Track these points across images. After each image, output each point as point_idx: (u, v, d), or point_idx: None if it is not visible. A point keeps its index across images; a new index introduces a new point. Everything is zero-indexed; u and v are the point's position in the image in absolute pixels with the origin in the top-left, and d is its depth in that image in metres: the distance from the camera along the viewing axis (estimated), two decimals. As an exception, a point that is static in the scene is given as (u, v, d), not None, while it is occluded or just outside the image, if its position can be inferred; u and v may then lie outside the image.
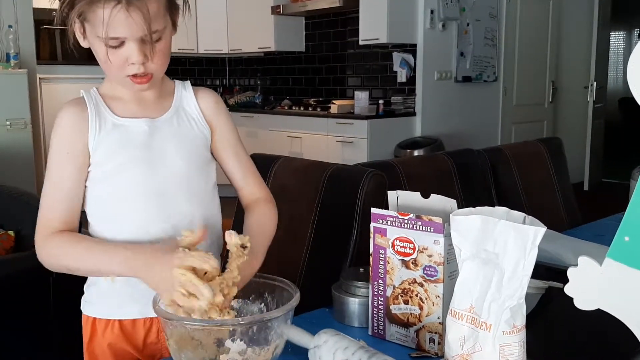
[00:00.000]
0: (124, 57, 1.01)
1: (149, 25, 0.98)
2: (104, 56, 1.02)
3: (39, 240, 1.05)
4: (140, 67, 1.02)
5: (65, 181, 1.06)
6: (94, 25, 0.99)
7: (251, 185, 1.21)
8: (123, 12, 0.96)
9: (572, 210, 2.23)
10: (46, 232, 1.04)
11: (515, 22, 5.59)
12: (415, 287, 1.03)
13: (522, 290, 0.79)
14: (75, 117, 1.07)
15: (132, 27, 0.98)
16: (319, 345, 0.94)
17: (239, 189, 1.21)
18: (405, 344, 1.05)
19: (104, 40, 0.99)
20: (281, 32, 5.82)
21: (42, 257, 1.05)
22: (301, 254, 1.63)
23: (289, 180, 1.70)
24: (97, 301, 1.15)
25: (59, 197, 1.06)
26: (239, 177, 1.20)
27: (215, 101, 1.20)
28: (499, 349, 0.80)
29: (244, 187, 1.20)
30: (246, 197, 1.20)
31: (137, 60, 1.01)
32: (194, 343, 0.89)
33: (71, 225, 1.06)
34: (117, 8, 0.96)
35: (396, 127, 4.84)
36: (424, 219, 1.00)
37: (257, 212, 1.17)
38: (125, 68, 1.02)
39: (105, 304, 1.14)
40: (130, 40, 0.99)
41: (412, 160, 2.18)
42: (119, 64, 1.02)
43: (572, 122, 6.46)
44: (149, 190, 1.08)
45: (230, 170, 1.20)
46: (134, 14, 0.97)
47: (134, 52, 1.00)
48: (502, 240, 0.80)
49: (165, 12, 1.03)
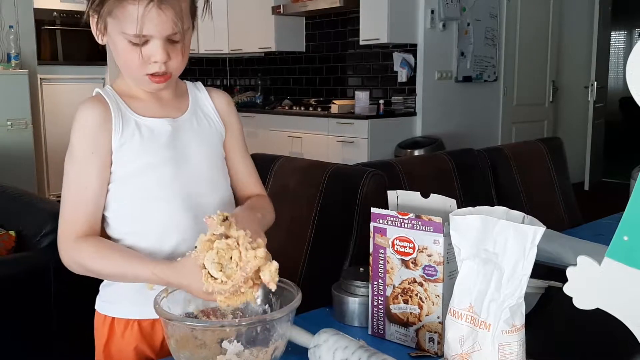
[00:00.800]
0: (147, 55, 1.00)
1: (176, 25, 0.99)
2: (126, 53, 1.01)
3: (65, 244, 1.03)
4: (162, 65, 1.02)
5: (92, 182, 1.04)
6: (121, 21, 0.98)
7: (253, 187, 1.22)
8: (155, 10, 0.96)
9: (572, 210, 2.23)
10: (72, 236, 1.02)
11: (515, 21, 5.59)
12: (415, 286, 1.03)
13: (521, 290, 0.80)
14: (99, 116, 1.04)
15: (161, 25, 0.98)
16: (319, 345, 0.94)
17: (240, 189, 1.21)
18: (405, 344, 1.05)
19: (129, 37, 0.99)
20: (282, 32, 5.82)
21: (68, 261, 1.03)
22: (301, 253, 1.64)
23: (289, 180, 1.71)
24: (117, 300, 1.12)
25: (85, 198, 1.04)
26: (244, 177, 1.21)
27: (228, 101, 1.22)
28: (498, 348, 0.80)
29: (246, 188, 1.21)
30: (248, 193, 1.21)
31: (161, 59, 1.01)
32: (197, 342, 0.88)
33: (96, 227, 1.05)
34: (149, 6, 0.95)
35: (396, 127, 4.84)
36: (423, 218, 1.00)
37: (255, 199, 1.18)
38: (146, 66, 1.02)
39: (126, 304, 1.11)
40: (156, 39, 0.99)
41: (412, 160, 2.18)
42: (141, 61, 1.01)
43: (573, 122, 6.45)
44: (176, 190, 1.08)
45: (237, 170, 1.21)
46: (166, 12, 0.97)
47: (158, 50, 1.00)
48: (502, 239, 0.80)
49: (189, 12, 1.04)
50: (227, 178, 1.18)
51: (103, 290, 1.15)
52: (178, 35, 1.01)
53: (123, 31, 0.99)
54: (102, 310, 1.14)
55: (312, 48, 5.99)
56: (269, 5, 5.67)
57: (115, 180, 1.06)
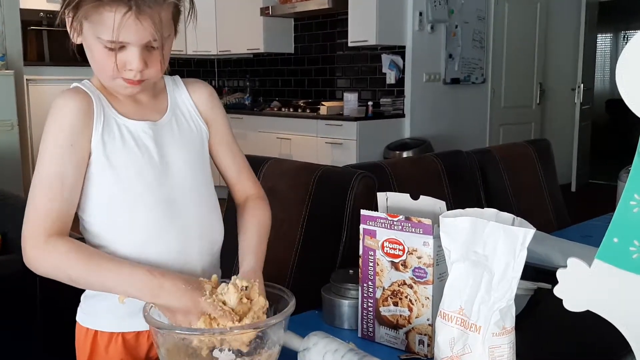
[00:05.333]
0: (122, 62, 0.96)
1: (154, 35, 0.94)
2: (101, 58, 0.96)
3: (34, 242, 0.94)
4: (138, 73, 0.97)
5: (67, 177, 0.97)
6: (97, 25, 0.93)
7: (244, 182, 1.18)
8: (132, 19, 0.91)
9: (560, 211, 2.25)
10: (43, 234, 0.94)
11: (503, 24, 5.62)
12: (404, 288, 1.02)
13: (511, 292, 0.80)
14: (80, 108, 0.98)
15: (138, 34, 0.93)
16: (309, 348, 0.94)
17: (232, 186, 1.18)
18: (394, 346, 1.05)
19: (104, 43, 0.94)
20: (270, 33, 5.81)
21: (35, 262, 0.95)
22: (290, 256, 1.63)
23: (278, 181, 1.70)
24: (100, 313, 1.07)
25: (59, 195, 0.96)
26: (233, 173, 1.17)
27: (209, 93, 1.16)
28: (488, 350, 0.80)
29: (237, 184, 1.18)
30: (239, 195, 1.18)
31: (137, 67, 0.96)
32: (188, 351, 0.86)
33: (67, 227, 0.98)
34: (127, 15, 0.91)
35: (385, 129, 4.84)
36: (413, 220, 1.00)
37: (252, 213, 1.14)
38: (121, 72, 0.97)
39: (109, 316, 1.06)
40: (132, 46, 0.95)
41: (401, 161, 2.18)
42: (117, 66, 0.96)
43: (560, 124, 6.50)
44: (161, 197, 1.04)
45: (225, 166, 1.17)
46: (144, 22, 0.92)
47: (135, 58, 0.95)
48: (492, 242, 0.80)
49: (171, 20, 0.99)
50: (211, 182, 1.14)
51: (85, 301, 1.09)
52: (156, 42, 0.96)
53: (98, 36, 0.94)
54: (84, 323, 1.09)
55: (300, 49, 5.98)
56: (257, 6, 5.66)
57: (94, 183, 1.01)
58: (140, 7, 0.91)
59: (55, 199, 0.96)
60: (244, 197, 1.17)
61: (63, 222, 0.97)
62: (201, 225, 1.09)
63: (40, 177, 0.97)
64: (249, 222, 1.12)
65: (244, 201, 1.16)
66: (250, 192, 1.18)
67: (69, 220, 0.98)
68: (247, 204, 1.15)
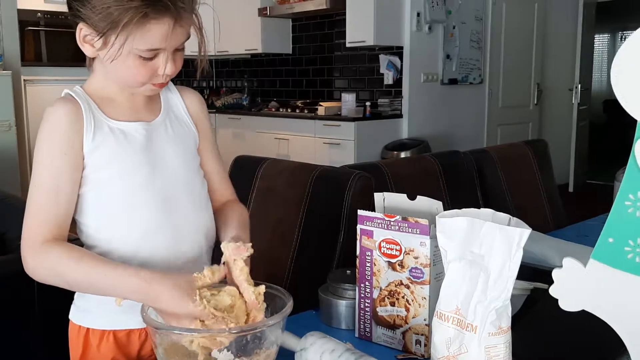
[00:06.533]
0: (154, 67, 0.99)
1: (187, 38, 1.00)
2: (134, 68, 0.98)
3: (31, 248, 0.96)
4: (167, 76, 1.01)
5: (63, 184, 0.99)
6: (137, 38, 0.94)
7: (225, 189, 1.22)
8: (177, 26, 0.96)
9: (557, 212, 2.25)
10: (40, 239, 0.96)
11: (500, 24, 5.63)
12: (401, 289, 1.03)
13: (507, 292, 0.80)
14: (70, 116, 1.00)
15: (176, 40, 0.98)
16: (306, 348, 0.94)
17: (214, 190, 1.20)
18: (391, 346, 1.05)
19: (141, 52, 0.96)
20: (268, 34, 5.82)
21: (34, 269, 0.97)
22: (288, 256, 1.63)
23: (276, 182, 1.70)
24: (92, 310, 1.08)
25: (57, 200, 0.99)
26: (218, 178, 1.20)
27: (200, 101, 1.20)
28: (484, 350, 0.81)
29: (219, 190, 1.20)
30: (218, 199, 1.20)
31: (171, 71, 1.00)
32: (185, 351, 0.86)
33: (64, 233, 1.00)
34: (174, 25, 0.95)
35: (383, 129, 4.85)
36: (410, 220, 1.01)
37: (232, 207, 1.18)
38: (153, 77, 1.01)
39: (101, 314, 1.07)
40: (167, 51, 0.98)
41: (398, 162, 2.19)
42: (150, 74, 1.00)
43: (557, 124, 6.51)
44: (155, 196, 1.05)
45: (211, 171, 1.19)
46: (184, 27, 0.98)
47: (168, 63, 0.99)
48: (488, 242, 0.80)
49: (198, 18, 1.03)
50: (204, 182, 1.16)
51: (78, 299, 1.11)
52: (183, 44, 1.01)
53: (136, 47, 0.96)
54: (77, 321, 1.10)
55: (298, 50, 5.99)
56: (255, 7, 5.66)
57: (90, 185, 1.02)
58: (181, 14, 0.96)
59: (51, 207, 0.98)
60: (223, 200, 1.21)
61: (60, 228, 0.99)
62: (194, 221, 1.11)
63: (36, 186, 0.99)
64: (229, 216, 1.15)
65: (222, 204, 1.20)
66: (228, 197, 1.22)
67: (66, 226, 1.00)
68: (226, 204, 1.19)
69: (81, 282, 0.97)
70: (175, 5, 0.94)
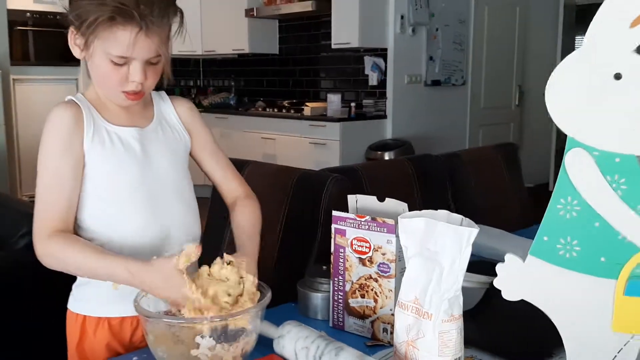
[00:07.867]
0: (125, 75, 1.09)
1: (157, 50, 1.08)
2: (106, 71, 1.09)
3: (40, 238, 1.07)
4: (139, 85, 1.10)
5: (67, 179, 1.10)
6: (107, 42, 1.05)
7: (230, 182, 1.30)
8: (142, 36, 1.04)
9: (526, 211, 2.37)
10: (47, 231, 1.07)
11: (483, 27, 5.73)
12: (370, 282, 1.13)
13: (458, 284, 0.91)
14: (72, 118, 1.11)
15: (145, 50, 1.06)
16: (283, 335, 1.05)
17: (220, 186, 1.30)
18: (362, 334, 1.16)
19: (112, 57, 1.06)
20: (255, 34, 5.89)
21: (42, 257, 1.07)
22: (272, 253, 1.73)
23: (258, 184, 1.79)
24: (89, 299, 1.19)
25: (60, 195, 1.09)
26: (219, 175, 1.30)
27: (190, 107, 1.30)
28: (438, 335, 0.91)
29: (224, 184, 1.30)
30: (229, 195, 1.30)
31: (139, 79, 1.09)
32: (174, 338, 0.96)
33: (70, 224, 1.11)
34: (139, 33, 1.03)
35: (367, 130, 4.94)
36: (378, 220, 1.11)
37: (244, 212, 1.26)
38: (124, 84, 1.10)
39: (97, 302, 1.18)
40: (137, 61, 1.08)
41: (374, 165, 2.29)
42: (120, 80, 1.09)
43: (538, 125, 6.62)
44: (145, 193, 1.16)
45: (210, 169, 1.30)
46: (151, 38, 1.06)
47: (137, 72, 1.08)
48: (442, 239, 0.91)
49: (168, 37, 1.12)
50: (191, 184, 1.26)
51: (76, 289, 1.22)
52: (157, 58, 1.10)
53: (108, 51, 1.06)
54: (75, 309, 1.21)
55: (285, 51, 6.07)
56: (242, 7, 5.73)
57: (89, 183, 1.13)
58: (149, 26, 1.04)
59: (55, 201, 1.09)
60: (233, 197, 1.29)
61: (65, 220, 1.10)
62: (180, 219, 1.21)
63: (42, 182, 1.10)
64: (238, 223, 1.24)
65: (234, 202, 1.28)
66: (237, 192, 1.30)
67: (70, 218, 1.11)
68: (236, 205, 1.27)
69: (82, 269, 1.09)
70: (142, 15, 1.03)
